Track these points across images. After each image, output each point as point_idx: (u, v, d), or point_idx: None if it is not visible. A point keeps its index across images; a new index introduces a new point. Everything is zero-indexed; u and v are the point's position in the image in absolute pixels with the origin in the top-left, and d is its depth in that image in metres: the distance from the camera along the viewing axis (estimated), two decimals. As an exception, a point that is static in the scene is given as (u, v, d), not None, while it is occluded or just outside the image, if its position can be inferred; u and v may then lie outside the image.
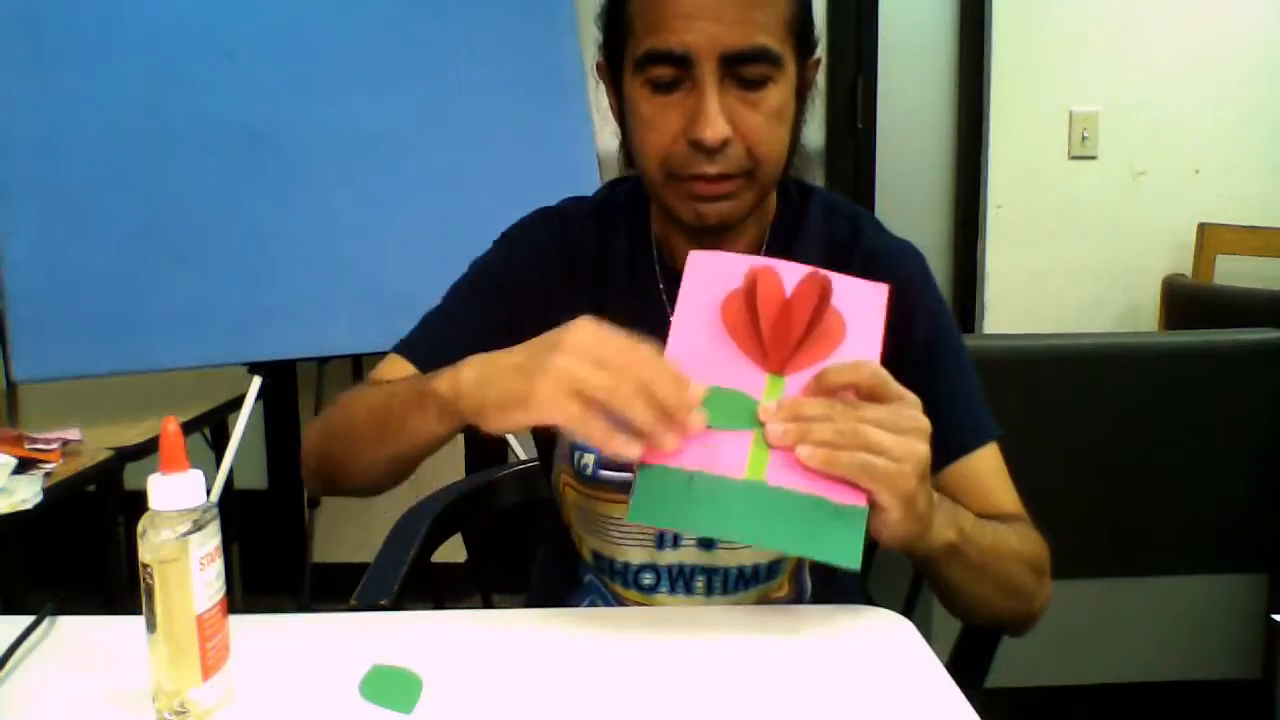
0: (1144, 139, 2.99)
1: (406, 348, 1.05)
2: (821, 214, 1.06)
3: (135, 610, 0.69)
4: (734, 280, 0.84)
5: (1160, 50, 2.97)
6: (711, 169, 0.93)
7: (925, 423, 0.78)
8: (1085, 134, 2.99)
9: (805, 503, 0.76)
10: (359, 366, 2.53)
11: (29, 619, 0.83)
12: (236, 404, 2.27)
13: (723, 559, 1.03)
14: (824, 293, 0.81)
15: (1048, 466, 2.01)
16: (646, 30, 0.92)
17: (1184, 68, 2.97)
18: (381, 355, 1.06)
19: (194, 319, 2.12)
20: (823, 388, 0.79)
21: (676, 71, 0.92)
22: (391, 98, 2.22)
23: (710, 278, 0.85)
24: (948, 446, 0.94)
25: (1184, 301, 2.80)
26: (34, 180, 2.04)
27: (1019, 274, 3.04)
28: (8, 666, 0.77)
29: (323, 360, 2.34)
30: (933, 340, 1.01)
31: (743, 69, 0.91)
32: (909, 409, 0.78)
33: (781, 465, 0.77)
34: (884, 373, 0.79)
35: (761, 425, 0.78)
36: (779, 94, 0.94)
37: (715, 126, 0.91)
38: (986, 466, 1.00)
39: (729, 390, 0.80)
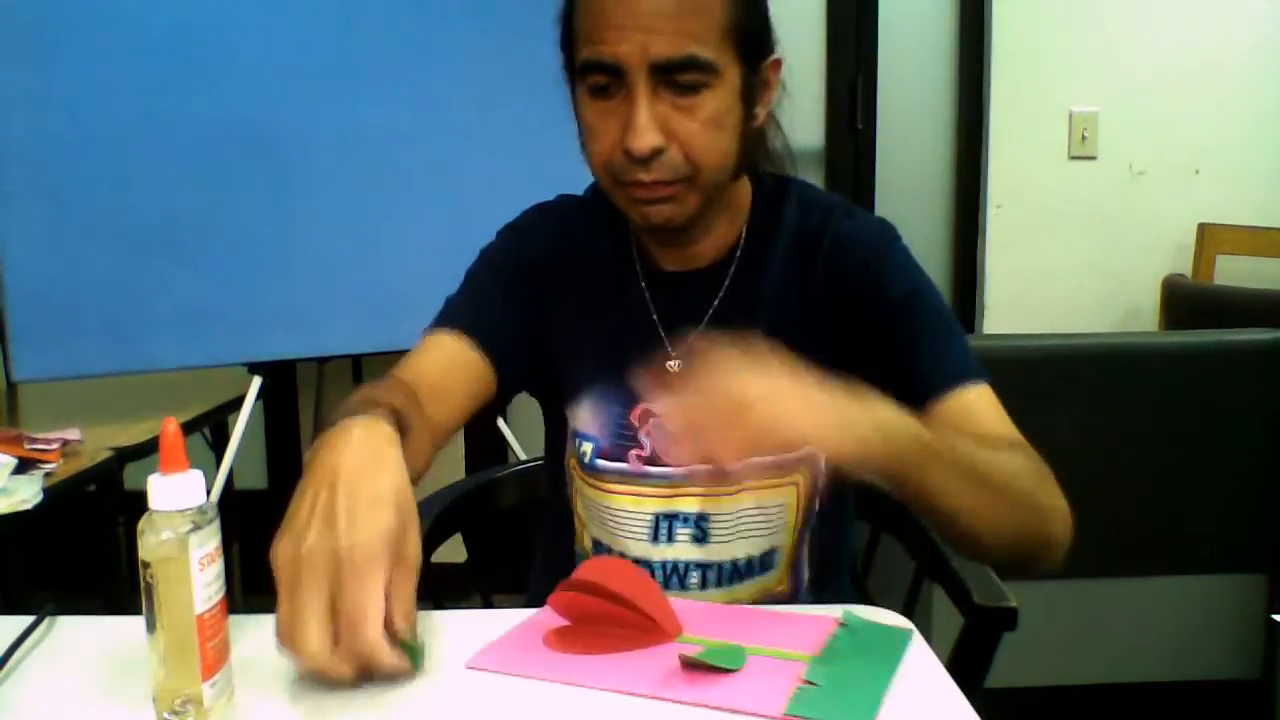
0: (1144, 139, 2.99)
1: (442, 320, 1.06)
2: (796, 207, 1.07)
3: (135, 610, 0.69)
4: (534, 632, 0.82)
5: (1160, 50, 2.97)
6: (646, 176, 0.94)
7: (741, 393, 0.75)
8: (1085, 134, 2.99)
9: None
10: (359, 366, 2.53)
11: (29, 619, 0.83)
12: (236, 404, 2.27)
13: (716, 553, 1.04)
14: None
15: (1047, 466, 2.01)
16: (585, 39, 0.94)
17: (1184, 68, 2.97)
18: (381, 356, 1.07)
19: (194, 319, 2.12)
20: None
21: (611, 80, 0.93)
22: (392, 98, 2.21)
23: (511, 652, 0.80)
24: (925, 390, 0.95)
25: (1184, 301, 2.80)
26: (34, 180, 2.04)
27: (1019, 274, 3.04)
28: (8, 666, 0.77)
29: (323, 360, 2.34)
30: (906, 297, 1.01)
31: (674, 77, 0.92)
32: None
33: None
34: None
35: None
36: (716, 101, 0.94)
37: (643, 137, 0.92)
38: (964, 407, 0.96)
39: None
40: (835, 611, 0.85)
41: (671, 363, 1.05)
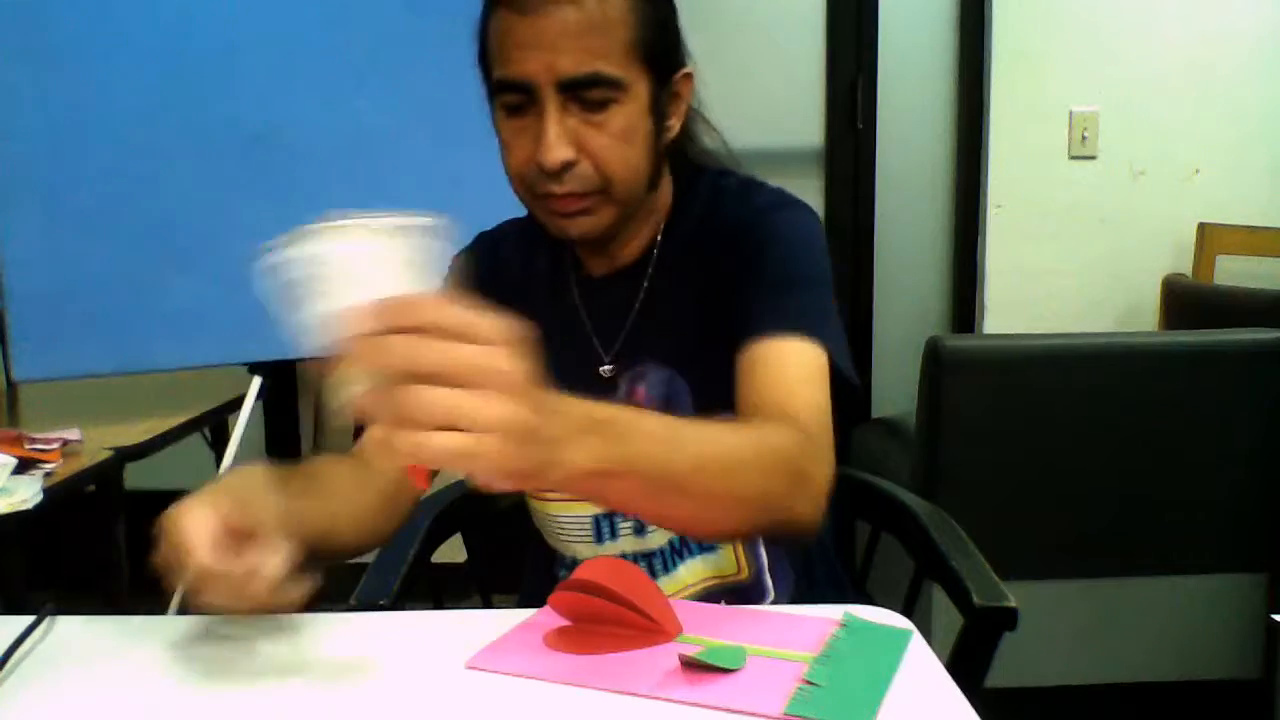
0: (1144, 139, 2.99)
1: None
2: (707, 196, 1.09)
3: (135, 610, 0.69)
4: (534, 632, 0.82)
5: (1160, 50, 2.97)
6: (560, 189, 0.97)
7: (506, 366, 0.65)
8: (1085, 134, 2.99)
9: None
10: (359, 366, 2.52)
11: (29, 619, 0.83)
12: (236, 404, 2.27)
13: (655, 540, 1.06)
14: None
15: (1048, 466, 2.01)
16: (496, 60, 0.97)
17: (1184, 68, 2.97)
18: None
19: (194, 319, 2.12)
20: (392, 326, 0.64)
21: (524, 98, 0.96)
22: (392, 97, 2.21)
23: (511, 652, 0.79)
24: (744, 330, 0.96)
25: (1184, 301, 2.80)
26: (34, 180, 2.04)
27: (1019, 274, 3.04)
28: (8, 666, 0.77)
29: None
30: (763, 245, 1.02)
31: (581, 94, 0.94)
32: (493, 355, 0.65)
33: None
34: (456, 318, 0.65)
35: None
36: (625, 115, 0.96)
37: (554, 152, 0.95)
38: (771, 357, 0.94)
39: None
40: (835, 612, 0.85)
41: (605, 367, 1.07)
